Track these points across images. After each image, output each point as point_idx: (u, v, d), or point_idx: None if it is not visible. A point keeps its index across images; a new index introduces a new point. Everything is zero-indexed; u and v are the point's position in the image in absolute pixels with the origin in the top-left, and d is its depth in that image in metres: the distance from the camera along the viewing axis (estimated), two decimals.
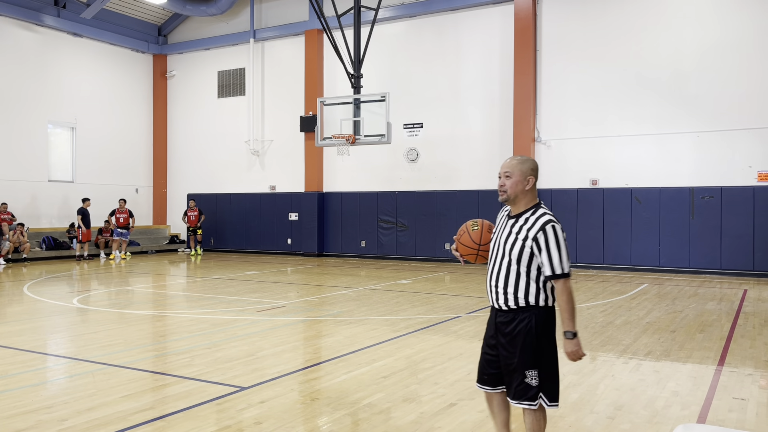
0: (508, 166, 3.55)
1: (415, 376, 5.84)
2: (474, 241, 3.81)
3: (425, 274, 15.06)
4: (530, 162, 3.57)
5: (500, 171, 3.59)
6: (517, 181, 3.51)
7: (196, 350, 6.89)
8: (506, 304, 3.51)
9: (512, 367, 3.50)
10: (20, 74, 19.33)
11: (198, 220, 20.95)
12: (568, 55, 16.54)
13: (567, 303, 3.40)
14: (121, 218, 19.13)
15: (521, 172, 3.52)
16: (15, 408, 4.87)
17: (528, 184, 3.52)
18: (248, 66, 21.57)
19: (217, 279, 14.01)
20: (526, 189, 3.52)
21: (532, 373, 3.45)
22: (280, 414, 4.74)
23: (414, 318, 8.91)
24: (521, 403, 3.48)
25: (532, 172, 3.53)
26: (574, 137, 16.48)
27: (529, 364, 3.45)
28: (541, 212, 3.48)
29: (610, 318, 9.00)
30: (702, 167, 14.95)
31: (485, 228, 3.84)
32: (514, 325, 3.49)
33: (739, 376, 5.84)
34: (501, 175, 3.57)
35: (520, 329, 3.47)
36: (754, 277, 14.23)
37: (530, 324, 3.46)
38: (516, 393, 3.50)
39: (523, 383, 3.46)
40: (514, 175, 3.52)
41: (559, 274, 3.38)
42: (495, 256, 3.60)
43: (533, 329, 3.46)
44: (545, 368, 3.48)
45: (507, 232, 3.56)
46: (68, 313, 9.51)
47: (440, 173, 18.29)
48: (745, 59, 14.57)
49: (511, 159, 3.60)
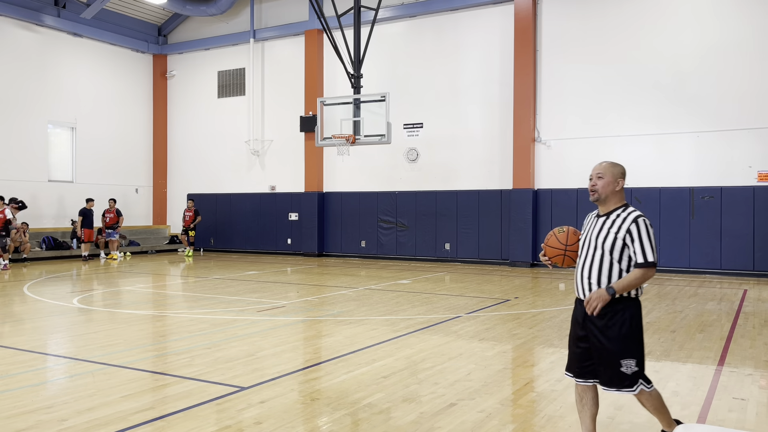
0: (601, 168, 3.83)
1: (415, 376, 5.84)
2: (560, 242, 4.01)
3: (425, 274, 15.06)
4: (620, 166, 3.86)
5: (592, 173, 3.85)
6: (609, 182, 3.79)
7: (196, 350, 6.89)
8: None
9: (607, 356, 3.70)
10: (20, 74, 19.33)
11: (192, 221, 20.67)
12: (568, 54, 16.54)
13: (635, 280, 3.62)
14: (108, 218, 19.11)
15: (612, 174, 3.80)
16: (15, 408, 4.88)
17: (618, 185, 3.80)
18: (248, 66, 21.57)
19: (217, 279, 14.01)
20: (615, 190, 3.80)
21: (628, 362, 3.67)
22: (280, 414, 4.74)
23: (414, 318, 8.91)
24: (620, 390, 3.70)
25: (621, 175, 3.83)
26: (574, 137, 16.48)
27: (625, 353, 3.67)
28: (630, 209, 3.76)
29: None
30: (702, 167, 14.95)
31: (571, 231, 4.07)
32: (608, 317, 3.69)
33: (739, 376, 5.84)
34: (593, 176, 3.84)
35: (615, 320, 3.68)
36: (754, 277, 14.23)
37: (624, 315, 3.68)
38: (612, 381, 3.70)
39: (619, 372, 3.67)
40: (606, 176, 3.79)
41: (650, 262, 3.61)
42: (586, 251, 3.82)
43: (627, 320, 3.68)
44: (639, 356, 3.71)
45: (598, 229, 3.82)
46: (68, 313, 9.51)
47: (440, 173, 18.29)
48: (745, 59, 14.57)
49: (602, 162, 3.89)
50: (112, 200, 19.52)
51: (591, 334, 3.76)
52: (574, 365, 3.90)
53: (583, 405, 3.94)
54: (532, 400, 5.18)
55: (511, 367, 6.40)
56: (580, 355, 3.85)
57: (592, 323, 3.74)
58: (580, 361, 3.85)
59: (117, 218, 19.20)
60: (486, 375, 5.89)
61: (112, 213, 19.17)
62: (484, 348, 7.03)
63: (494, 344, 7.24)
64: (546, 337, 7.65)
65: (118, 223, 19.26)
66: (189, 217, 20.69)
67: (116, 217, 19.18)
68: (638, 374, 3.69)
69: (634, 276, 3.62)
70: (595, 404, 3.93)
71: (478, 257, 17.62)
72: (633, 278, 3.62)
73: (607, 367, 3.71)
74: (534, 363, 6.62)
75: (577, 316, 3.89)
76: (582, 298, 3.80)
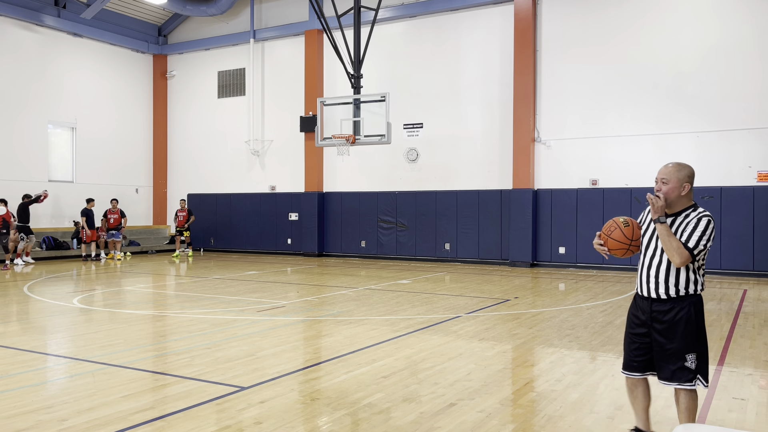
0: (665, 173, 3.81)
1: (415, 376, 5.84)
2: (626, 236, 4.00)
3: (425, 274, 15.06)
4: (687, 169, 3.82)
5: (657, 176, 3.85)
6: (673, 187, 3.78)
7: (196, 350, 6.89)
8: (666, 293, 3.80)
9: (670, 352, 3.79)
10: (20, 74, 19.34)
11: (186, 221, 20.34)
12: (568, 55, 16.54)
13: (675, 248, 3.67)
14: (111, 219, 18.83)
15: (678, 179, 3.78)
16: (15, 408, 4.88)
17: (684, 190, 3.78)
18: (248, 66, 21.57)
19: (217, 279, 14.01)
20: (681, 194, 3.78)
21: (691, 357, 3.77)
22: (280, 414, 4.74)
23: (414, 318, 8.92)
24: (681, 384, 3.78)
25: (687, 178, 3.79)
26: (574, 137, 16.48)
27: (689, 348, 3.76)
28: (699, 210, 3.78)
29: (610, 318, 9.00)
30: (702, 167, 14.92)
31: (635, 225, 4.05)
32: (673, 313, 3.79)
33: (739, 376, 5.84)
34: (658, 180, 3.84)
35: (680, 317, 3.77)
36: (754, 277, 14.23)
37: (690, 311, 3.78)
38: (674, 376, 3.79)
39: (683, 367, 3.76)
40: (671, 181, 3.78)
41: (689, 248, 3.68)
42: (653, 250, 3.86)
43: (692, 316, 3.78)
44: (702, 352, 3.80)
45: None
46: (68, 313, 9.52)
47: (440, 173, 18.30)
48: (745, 59, 14.57)
49: (668, 166, 3.85)
50: (115, 200, 19.38)
51: (655, 330, 3.85)
52: (632, 360, 3.98)
53: (635, 397, 4.06)
54: (532, 400, 5.18)
55: (511, 367, 6.40)
56: (636, 349, 3.94)
57: (657, 320, 3.83)
58: (637, 355, 3.94)
59: (121, 219, 19.01)
60: (486, 375, 5.89)
61: (116, 213, 18.96)
62: (484, 348, 7.03)
63: (494, 344, 7.24)
64: (546, 337, 7.66)
65: (122, 224, 19.06)
66: (183, 217, 20.38)
67: (120, 217, 18.99)
68: (699, 369, 3.78)
69: (677, 246, 3.67)
70: (646, 396, 4.05)
71: (478, 257, 17.62)
72: (675, 245, 3.67)
73: (670, 362, 3.80)
74: (534, 363, 6.62)
75: (638, 313, 3.96)
76: (646, 295, 3.87)
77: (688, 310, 3.77)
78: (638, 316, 3.95)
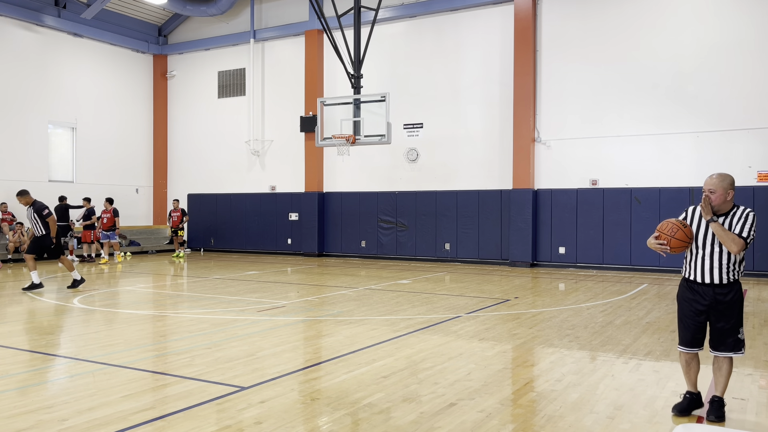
0: (712, 184, 4.58)
1: (415, 376, 5.85)
2: (687, 236, 4.68)
3: (425, 274, 15.06)
4: (729, 178, 4.59)
5: (704, 187, 4.61)
6: (720, 195, 4.56)
7: (197, 350, 6.89)
8: (727, 278, 4.58)
9: (728, 327, 4.61)
10: (20, 74, 19.34)
11: (180, 221, 19.89)
12: (568, 55, 16.54)
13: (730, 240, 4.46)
14: (105, 219, 18.04)
15: (723, 189, 4.56)
16: (15, 408, 4.88)
17: (729, 196, 4.57)
18: (248, 66, 21.58)
19: (217, 279, 14.01)
20: (727, 200, 4.58)
21: (742, 330, 4.65)
22: (280, 414, 4.75)
23: (414, 318, 8.92)
24: (736, 353, 4.63)
25: (730, 186, 4.58)
26: (574, 137, 16.48)
27: (740, 323, 4.64)
28: (742, 207, 4.61)
29: (610, 318, 9.00)
30: (702, 167, 14.94)
31: (689, 226, 4.73)
32: (732, 295, 4.60)
33: (739, 376, 5.84)
34: (705, 191, 4.60)
35: (736, 298, 4.62)
36: (754, 277, 14.24)
37: (740, 293, 4.65)
38: (731, 347, 4.62)
39: (738, 339, 4.62)
40: (717, 191, 4.56)
41: (742, 237, 4.47)
42: (711, 245, 4.60)
43: (741, 297, 4.67)
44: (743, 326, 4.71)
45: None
46: (68, 313, 9.52)
47: (440, 173, 18.30)
48: (746, 59, 14.57)
49: (712, 177, 4.61)
50: (107, 200, 18.35)
51: (716, 310, 4.61)
52: (694, 337, 4.71)
53: (690, 368, 4.81)
54: (532, 400, 5.19)
55: (511, 367, 6.41)
56: (695, 327, 4.70)
57: (719, 302, 4.60)
58: (695, 333, 4.71)
59: (114, 219, 18.12)
60: (486, 375, 5.89)
61: (109, 213, 18.09)
62: (484, 348, 7.03)
63: (494, 344, 7.24)
64: (546, 337, 7.66)
65: (115, 224, 18.17)
66: (177, 217, 19.95)
67: (113, 217, 18.11)
68: (744, 340, 4.68)
69: (732, 238, 4.45)
70: (698, 366, 4.83)
71: (478, 257, 17.62)
72: (731, 237, 4.45)
73: (729, 336, 4.60)
74: (534, 363, 6.62)
75: (697, 297, 4.68)
76: (708, 282, 4.61)
77: (737, 292, 4.62)
78: (698, 300, 4.66)
